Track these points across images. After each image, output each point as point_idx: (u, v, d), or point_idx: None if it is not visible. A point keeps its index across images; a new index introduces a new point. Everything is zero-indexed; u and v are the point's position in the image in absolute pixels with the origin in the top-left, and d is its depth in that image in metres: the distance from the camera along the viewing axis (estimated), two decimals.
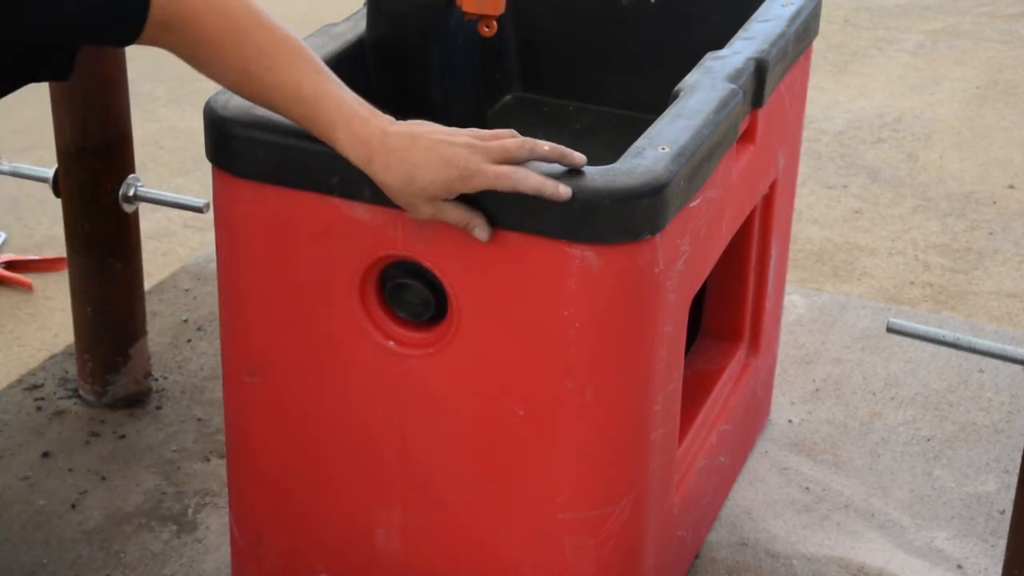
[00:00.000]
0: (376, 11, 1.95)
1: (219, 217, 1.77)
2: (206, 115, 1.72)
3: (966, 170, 3.58)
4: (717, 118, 1.72)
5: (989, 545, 2.22)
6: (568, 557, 1.75)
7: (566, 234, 1.57)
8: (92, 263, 2.38)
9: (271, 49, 1.57)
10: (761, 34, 1.95)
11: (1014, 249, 3.20)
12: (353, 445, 1.80)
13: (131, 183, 2.34)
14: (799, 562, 2.17)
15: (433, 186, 1.54)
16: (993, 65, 4.25)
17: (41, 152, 3.45)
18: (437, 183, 1.54)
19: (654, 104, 1.86)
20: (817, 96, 3.94)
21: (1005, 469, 2.38)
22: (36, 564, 2.12)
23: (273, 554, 1.92)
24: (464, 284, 1.65)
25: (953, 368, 2.65)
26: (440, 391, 1.72)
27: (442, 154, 1.54)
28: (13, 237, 3.19)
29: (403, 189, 1.56)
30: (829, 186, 3.49)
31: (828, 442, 2.44)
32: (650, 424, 1.74)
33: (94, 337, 2.43)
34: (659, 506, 1.84)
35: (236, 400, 1.86)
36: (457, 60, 2.09)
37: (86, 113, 2.27)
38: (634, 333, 1.67)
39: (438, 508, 1.79)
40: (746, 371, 2.25)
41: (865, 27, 4.55)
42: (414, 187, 1.55)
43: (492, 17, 1.86)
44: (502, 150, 1.55)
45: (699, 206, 1.72)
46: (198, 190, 3.37)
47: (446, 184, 1.54)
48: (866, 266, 3.13)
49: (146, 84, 3.86)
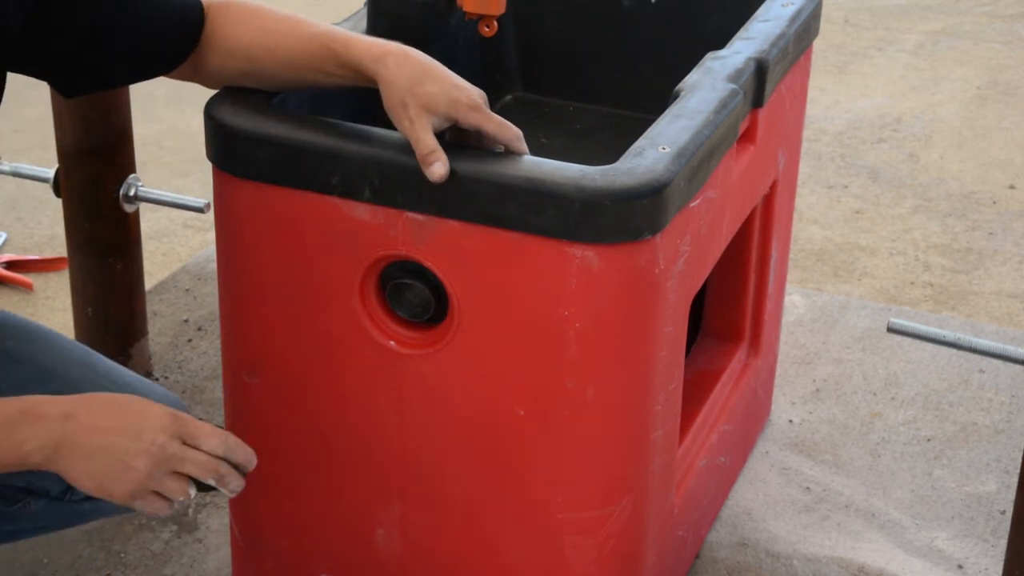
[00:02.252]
0: (376, 11, 1.95)
1: (219, 217, 1.77)
2: (207, 115, 1.72)
3: (966, 170, 3.58)
4: (717, 118, 1.72)
5: (990, 545, 2.22)
6: (568, 557, 1.75)
7: (566, 234, 1.57)
8: (92, 263, 2.38)
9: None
10: (761, 34, 1.95)
11: (1014, 249, 3.20)
12: (353, 445, 1.80)
13: (131, 183, 2.34)
14: (799, 562, 2.17)
15: (438, 98, 1.57)
16: (993, 65, 4.25)
17: (42, 152, 3.45)
18: (445, 97, 1.57)
19: (654, 104, 1.86)
20: (817, 96, 3.94)
21: (1005, 469, 2.38)
22: (37, 564, 2.12)
23: (273, 554, 1.92)
24: (464, 284, 1.65)
25: (953, 368, 2.65)
26: (440, 391, 1.72)
27: (456, 79, 1.60)
28: (14, 237, 3.19)
29: (408, 88, 1.57)
30: (829, 186, 3.49)
31: (828, 442, 2.44)
32: (650, 424, 1.74)
33: (94, 337, 2.43)
34: (659, 506, 1.84)
35: (236, 400, 1.86)
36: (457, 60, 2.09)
37: (87, 113, 2.28)
38: (634, 333, 1.67)
39: (438, 508, 1.79)
40: (746, 371, 2.24)
41: (865, 27, 4.55)
42: (420, 89, 1.57)
43: (492, 17, 1.86)
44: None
45: (699, 206, 1.72)
46: (198, 190, 3.37)
47: (451, 102, 1.57)
48: (866, 266, 3.13)
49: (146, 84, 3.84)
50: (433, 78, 1.59)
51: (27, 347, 1.75)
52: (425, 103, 1.58)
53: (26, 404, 1.43)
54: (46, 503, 1.73)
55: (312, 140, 1.65)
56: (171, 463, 1.44)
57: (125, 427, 1.42)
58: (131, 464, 1.42)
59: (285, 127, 1.67)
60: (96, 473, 1.42)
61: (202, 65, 1.72)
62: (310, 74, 1.69)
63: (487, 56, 2.22)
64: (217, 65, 1.71)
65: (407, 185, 1.61)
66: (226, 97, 1.73)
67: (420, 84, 1.58)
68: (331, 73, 1.67)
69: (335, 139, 1.65)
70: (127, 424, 1.43)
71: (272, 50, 1.68)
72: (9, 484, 1.72)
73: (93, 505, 1.76)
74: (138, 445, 1.42)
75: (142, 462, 1.42)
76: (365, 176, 1.63)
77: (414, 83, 1.58)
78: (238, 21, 1.69)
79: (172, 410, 1.46)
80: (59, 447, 1.41)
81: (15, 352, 1.73)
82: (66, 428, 1.42)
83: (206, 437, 1.46)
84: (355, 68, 1.64)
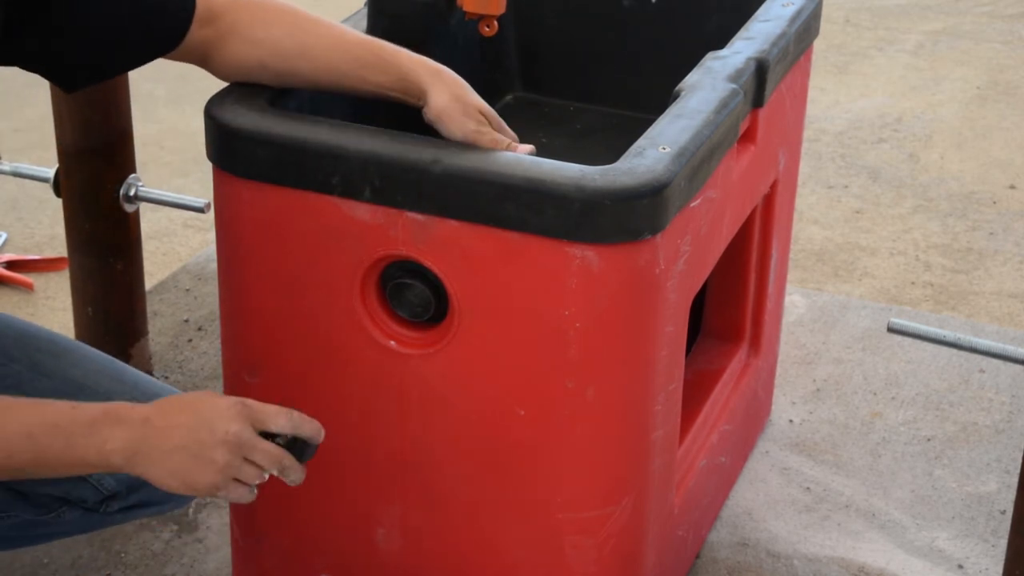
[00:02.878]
0: (376, 11, 1.95)
1: (220, 217, 1.77)
2: (207, 115, 1.72)
3: (967, 170, 3.58)
4: (718, 118, 1.72)
5: (990, 545, 2.22)
6: (568, 557, 1.75)
7: (567, 234, 1.57)
8: (93, 263, 2.38)
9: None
10: (762, 34, 1.95)
11: (1015, 249, 3.20)
12: (354, 445, 1.80)
13: (132, 183, 2.34)
14: (800, 562, 2.17)
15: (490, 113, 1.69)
16: (994, 65, 4.25)
17: (42, 152, 3.45)
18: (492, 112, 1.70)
19: (655, 104, 1.86)
20: (818, 96, 3.94)
21: (1006, 469, 2.38)
22: (37, 564, 2.12)
23: (274, 554, 1.92)
24: (465, 284, 1.65)
25: (954, 368, 2.65)
26: (441, 391, 1.72)
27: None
28: (14, 237, 3.19)
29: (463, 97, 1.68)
30: (830, 186, 3.49)
31: (829, 442, 2.44)
32: (651, 424, 1.74)
33: (95, 337, 2.43)
34: (660, 506, 1.84)
35: None
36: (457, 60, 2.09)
37: (87, 113, 2.27)
38: (635, 333, 1.67)
39: (439, 508, 1.79)
40: (747, 371, 2.24)
41: (866, 27, 4.55)
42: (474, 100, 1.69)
43: (493, 17, 1.86)
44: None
45: (700, 206, 1.72)
46: (198, 190, 3.37)
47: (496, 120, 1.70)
48: (867, 266, 3.13)
49: (147, 84, 3.86)
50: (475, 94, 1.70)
51: (55, 361, 1.77)
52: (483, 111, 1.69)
53: (108, 407, 1.49)
54: (81, 513, 1.76)
55: (312, 140, 1.65)
56: (245, 451, 1.49)
57: (199, 423, 1.48)
58: (210, 456, 1.47)
59: (285, 127, 1.67)
60: (178, 471, 1.47)
61: (218, 53, 1.71)
62: (348, 79, 1.71)
63: (487, 56, 2.22)
64: (238, 54, 1.71)
65: (407, 185, 1.61)
66: (227, 97, 1.73)
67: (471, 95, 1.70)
68: (371, 80, 1.71)
69: (335, 139, 1.65)
70: (200, 420, 1.48)
71: (309, 48, 1.70)
72: (46, 493, 1.75)
73: (124, 516, 1.80)
74: (214, 437, 1.47)
75: (220, 453, 1.47)
76: (365, 176, 1.63)
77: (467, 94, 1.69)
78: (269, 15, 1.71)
79: (238, 399, 1.52)
80: (139, 450, 1.47)
81: (44, 366, 1.75)
82: (146, 431, 1.47)
83: (273, 417, 1.52)
84: (404, 77, 1.69)
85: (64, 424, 1.47)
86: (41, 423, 1.46)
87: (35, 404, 1.49)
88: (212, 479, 1.48)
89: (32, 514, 1.76)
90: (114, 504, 1.77)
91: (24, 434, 1.46)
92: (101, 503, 1.76)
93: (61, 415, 1.47)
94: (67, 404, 1.49)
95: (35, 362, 1.75)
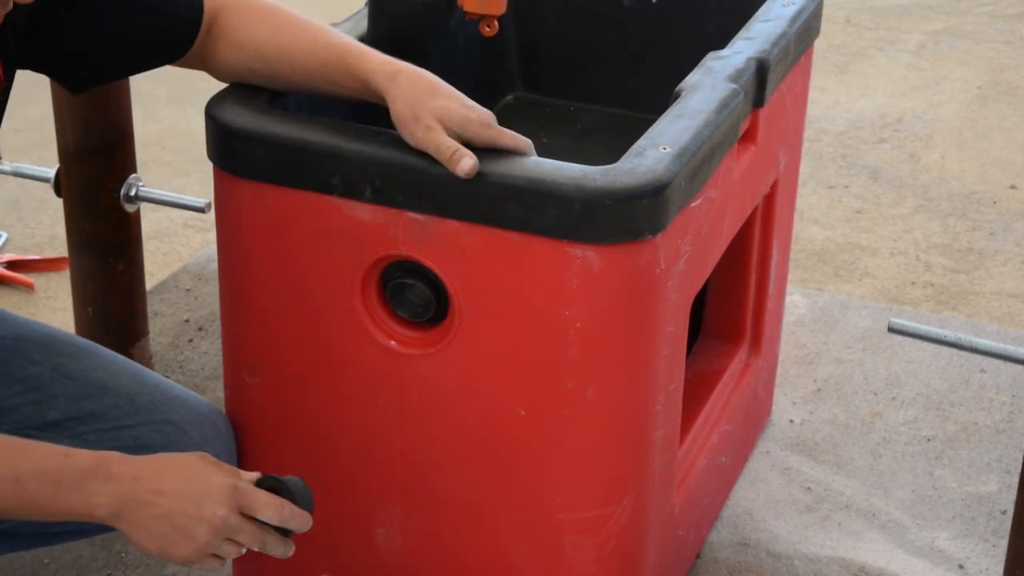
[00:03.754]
0: (377, 11, 1.95)
1: (220, 217, 1.77)
2: (207, 115, 1.72)
3: (967, 170, 3.58)
4: (718, 118, 1.72)
5: (991, 545, 2.22)
6: (569, 557, 1.75)
7: (567, 234, 1.57)
8: (93, 263, 2.38)
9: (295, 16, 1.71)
10: (762, 34, 1.95)
11: (1015, 249, 3.20)
12: (354, 445, 1.80)
13: (132, 183, 2.34)
14: (800, 562, 2.17)
15: (452, 112, 1.58)
16: (995, 65, 4.25)
17: (42, 152, 3.45)
18: (457, 113, 1.59)
19: (655, 104, 1.86)
20: (818, 96, 3.94)
21: (1006, 469, 2.38)
22: (38, 563, 2.12)
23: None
24: (465, 284, 1.65)
25: (954, 368, 2.65)
26: (441, 391, 1.72)
27: (466, 99, 1.61)
28: (14, 237, 3.19)
29: (420, 102, 1.59)
30: (830, 186, 3.49)
31: (829, 442, 2.44)
32: (651, 424, 1.74)
33: (95, 337, 2.43)
34: (660, 506, 1.84)
35: (237, 400, 1.86)
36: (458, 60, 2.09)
37: (88, 113, 2.27)
38: (635, 333, 1.67)
39: (439, 508, 1.79)
40: (747, 371, 2.24)
41: (867, 27, 4.55)
42: (432, 103, 1.59)
43: (493, 17, 1.86)
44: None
45: (700, 206, 1.72)
46: (199, 190, 3.37)
47: (463, 119, 1.58)
48: (867, 266, 3.13)
49: (147, 84, 3.85)
50: (444, 95, 1.61)
51: (76, 363, 1.77)
52: (439, 115, 1.59)
53: (100, 458, 1.49)
54: None
55: (313, 140, 1.65)
56: (228, 533, 1.49)
57: (187, 495, 1.48)
58: (192, 532, 1.48)
59: (286, 127, 1.67)
60: (158, 538, 1.48)
61: (212, 57, 1.73)
62: (320, 83, 1.70)
63: (488, 56, 2.22)
64: (227, 59, 1.72)
65: (408, 185, 1.61)
66: (227, 97, 1.73)
67: (431, 98, 1.60)
68: (340, 84, 1.68)
69: (336, 139, 1.65)
70: (189, 493, 1.48)
71: (285, 51, 1.69)
72: None
73: None
74: (200, 514, 1.48)
75: (202, 531, 1.48)
76: (366, 176, 1.63)
77: (425, 97, 1.60)
78: (253, 17, 1.71)
79: (232, 481, 1.51)
80: (124, 509, 1.47)
81: (66, 369, 1.75)
82: (133, 489, 1.47)
83: (263, 509, 1.52)
84: (364, 81, 1.65)
85: (54, 472, 1.46)
86: (31, 469, 1.46)
87: (27, 447, 1.48)
88: (188, 554, 1.49)
89: None
90: None
91: (12, 478, 1.45)
92: None
93: (52, 462, 1.46)
94: (60, 451, 1.48)
95: (57, 365, 1.75)
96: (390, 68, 1.63)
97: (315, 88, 1.71)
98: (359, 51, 1.66)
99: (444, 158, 1.57)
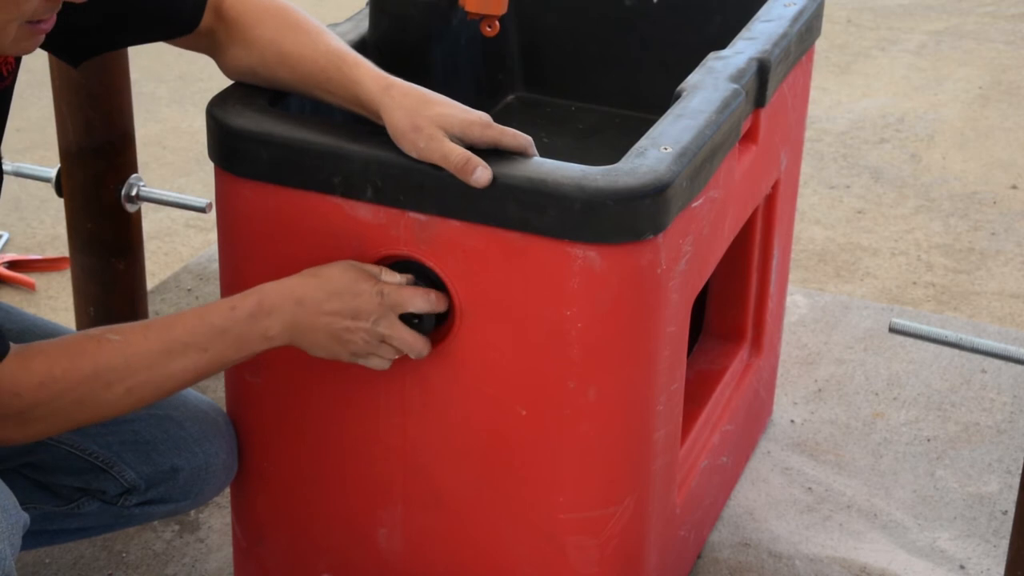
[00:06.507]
0: (378, 11, 1.95)
1: (221, 217, 1.77)
2: (209, 115, 1.72)
3: (969, 170, 3.58)
4: (720, 118, 1.72)
5: (992, 545, 2.22)
6: (570, 557, 1.75)
7: (569, 234, 1.57)
8: (94, 263, 2.38)
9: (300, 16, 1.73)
10: (764, 34, 1.95)
11: (1017, 250, 3.20)
12: (355, 445, 1.80)
13: (133, 183, 2.34)
14: (801, 563, 2.17)
15: (451, 118, 1.58)
16: (996, 65, 4.25)
17: (44, 152, 3.46)
18: (457, 118, 1.59)
19: (656, 104, 1.86)
20: (820, 96, 3.94)
21: (1008, 469, 2.38)
22: (38, 563, 2.12)
23: (275, 554, 1.92)
24: (466, 284, 1.65)
25: (956, 368, 2.65)
26: (442, 391, 1.72)
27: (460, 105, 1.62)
28: (16, 237, 3.19)
29: (417, 111, 1.59)
30: (832, 186, 3.49)
31: (830, 442, 2.44)
32: (652, 424, 1.74)
33: None
34: (661, 506, 1.84)
35: (238, 399, 1.87)
36: (459, 60, 2.09)
37: (89, 113, 2.27)
38: (636, 333, 1.67)
39: (440, 508, 1.79)
40: (748, 371, 2.24)
41: (868, 27, 4.55)
42: (430, 111, 1.59)
43: (494, 17, 1.86)
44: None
45: (701, 206, 1.72)
46: (200, 190, 3.37)
47: (464, 122, 1.59)
48: (869, 266, 3.13)
49: (149, 84, 3.86)
50: (440, 103, 1.61)
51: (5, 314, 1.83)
52: (439, 122, 1.58)
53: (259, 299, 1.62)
54: (100, 505, 1.81)
55: (314, 140, 1.65)
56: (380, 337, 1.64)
57: (343, 310, 1.62)
58: (350, 339, 1.64)
59: (287, 127, 1.67)
60: (324, 348, 1.65)
61: (222, 50, 1.73)
62: (314, 90, 1.70)
63: (489, 56, 2.22)
64: (235, 59, 1.73)
65: (409, 185, 1.61)
66: (228, 97, 1.73)
67: (428, 107, 1.59)
68: (332, 93, 1.68)
69: (337, 139, 1.65)
70: (344, 307, 1.62)
71: (287, 56, 1.69)
72: (67, 484, 1.78)
73: (143, 511, 1.82)
74: (356, 324, 1.63)
75: (359, 337, 1.64)
76: (367, 176, 1.63)
77: (422, 106, 1.59)
78: (262, 14, 1.70)
79: (378, 288, 1.62)
80: (294, 332, 1.63)
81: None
82: (297, 313, 1.62)
83: (410, 299, 1.64)
84: (356, 93, 1.64)
85: (230, 328, 1.61)
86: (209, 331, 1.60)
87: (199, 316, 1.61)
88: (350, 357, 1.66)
89: (52, 505, 1.78)
90: (132, 498, 1.79)
91: (201, 348, 1.60)
92: (120, 496, 1.79)
93: (224, 320, 1.61)
94: (225, 306, 1.62)
95: None
96: (383, 81, 1.63)
97: (312, 95, 1.71)
98: (354, 60, 1.66)
99: (455, 167, 1.57)
